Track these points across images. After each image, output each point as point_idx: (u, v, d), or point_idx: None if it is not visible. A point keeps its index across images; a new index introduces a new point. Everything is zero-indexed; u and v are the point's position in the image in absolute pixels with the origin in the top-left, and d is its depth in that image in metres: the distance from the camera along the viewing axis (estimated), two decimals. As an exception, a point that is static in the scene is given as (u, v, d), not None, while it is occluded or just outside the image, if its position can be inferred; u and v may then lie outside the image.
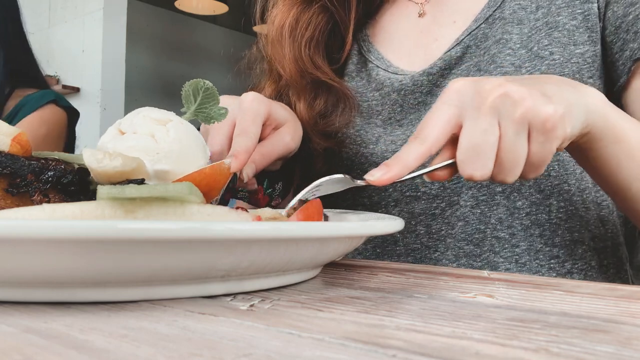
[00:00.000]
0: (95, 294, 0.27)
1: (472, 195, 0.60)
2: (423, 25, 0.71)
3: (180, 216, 0.30)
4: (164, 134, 0.37)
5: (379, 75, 0.70)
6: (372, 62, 0.71)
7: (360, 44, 0.74)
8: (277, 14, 0.72)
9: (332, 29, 0.72)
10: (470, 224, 0.60)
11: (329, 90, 0.69)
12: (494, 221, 0.59)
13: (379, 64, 0.71)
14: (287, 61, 0.69)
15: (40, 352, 0.20)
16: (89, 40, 3.48)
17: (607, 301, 0.30)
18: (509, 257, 0.58)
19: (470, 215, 0.60)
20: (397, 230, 0.36)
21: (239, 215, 0.32)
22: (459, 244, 0.60)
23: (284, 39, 0.70)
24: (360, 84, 0.71)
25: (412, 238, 0.62)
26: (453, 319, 0.25)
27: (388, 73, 0.69)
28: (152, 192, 0.29)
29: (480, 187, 0.60)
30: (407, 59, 0.70)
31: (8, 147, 0.35)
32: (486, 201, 0.60)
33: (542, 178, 0.59)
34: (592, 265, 0.59)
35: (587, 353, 0.20)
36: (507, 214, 0.59)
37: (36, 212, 0.28)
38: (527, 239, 0.58)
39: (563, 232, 0.59)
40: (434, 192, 0.61)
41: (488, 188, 0.60)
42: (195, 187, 0.31)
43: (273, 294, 0.31)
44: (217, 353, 0.20)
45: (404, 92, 0.66)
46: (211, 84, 0.44)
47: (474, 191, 0.60)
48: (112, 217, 0.28)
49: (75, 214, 0.28)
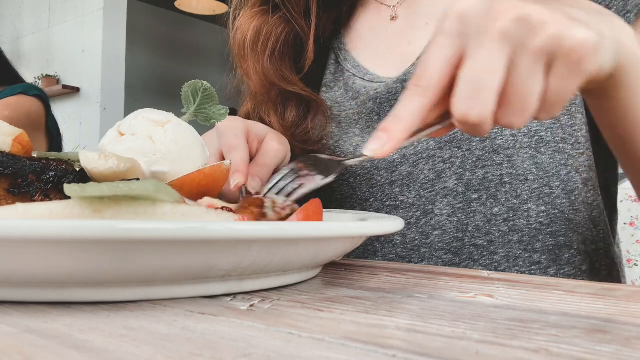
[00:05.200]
0: (95, 294, 0.27)
1: (448, 204, 0.59)
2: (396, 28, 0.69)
3: (150, 216, 0.29)
4: (162, 136, 0.37)
5: (355, 84, 0.68)
6: (349, 70, 0.70)
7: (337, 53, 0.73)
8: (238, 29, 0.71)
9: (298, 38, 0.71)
10: (447, 233, 0.59)
11: (298, 100, 0.68)
12: (471, 229, 0.58)
13: (355, 72, 0.69)
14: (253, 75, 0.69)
15: (40, 352, 0.20)
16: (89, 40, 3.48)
17: (607, 301, 0.30)
18: (487, 264, 0.58)
19: (448, 224, 0.59)
20: (397, 230, 0.36)
21: (218, 214, 0.32)
22: (437, 253, 0.59)
23: (246, 53, 0.69)
24: (338, 93, 0.70)
25: (390, 248, 0.62)
26: (453, 319, 0.25)
27: (364, 81, 0.68)
28: (114, 190, 0.28)
29: (456, 194, 0.59)
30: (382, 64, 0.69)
31: (9, 148, 0.35)
32: (463, 209, 0.59)
33: (519, 182, 0.57)
34: (582, 269, 0.58)
35: (587, 353, 0.20)
36: (485, 220, 0.58)
37: (9, 212, 0.28)
38: (505, 245, 0.57)
39: (545, 237, 0.57)
40: (410, 201, 0.61)
41: (464, 195, 0.59)
42: (165, 185, 0.31)
43: (273, 294, 0.31)
44: (217, 353, 0.20)
45: (379, 100, 0.65)
46: (209, 85, 0.44)
47: (449, 199, 0.59)
48: (81, 216, 0.28)
49: (45, 213, 0.28)
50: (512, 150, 0.57)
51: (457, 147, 0.59)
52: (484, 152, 0.58)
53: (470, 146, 0.58)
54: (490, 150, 0.58)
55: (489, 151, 0.58)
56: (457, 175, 0.59)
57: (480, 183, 0.58)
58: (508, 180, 0.57)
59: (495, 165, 0.58)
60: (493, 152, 0.57)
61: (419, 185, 0.60)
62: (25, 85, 1.40)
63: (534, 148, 0.57)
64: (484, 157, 0.58)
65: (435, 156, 0.60)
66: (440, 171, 0.60)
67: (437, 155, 0.60)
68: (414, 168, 0.61)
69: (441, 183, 0.60)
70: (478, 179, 0.58)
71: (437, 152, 0.60)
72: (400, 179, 0.62)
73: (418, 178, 0.61)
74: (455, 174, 0.59)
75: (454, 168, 0.59)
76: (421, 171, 0.61)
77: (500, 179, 0.57)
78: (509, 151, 0.57)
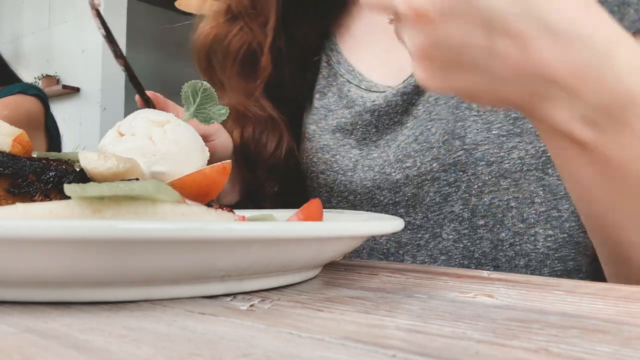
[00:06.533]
0: (95, 294, 0.27)
1: (454, 229, 0.57)
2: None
3: (151, 215, 0.29)
4: (162, 136, 0.37)
5: (350, 92, 0.65)
6: (343, 75, 0.66)
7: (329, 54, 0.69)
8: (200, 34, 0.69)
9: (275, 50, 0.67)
10: (453, 259, 0.57)
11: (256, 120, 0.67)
12: (477, 255, 0.57)
13: (350, 79, 0.66)
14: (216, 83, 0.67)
15: (40, 352, 0.20)
16: (89, 40, 3.48)
17: (607, 301, 0.30)
18: None
19: (453, 250, 0.57)
20: (397, 231, 0.36)
21: (218, 214, 0.32)
22: None
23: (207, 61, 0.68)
24: (332, 100, 0.67)
25: None
26: (453, 319, 0.25)
27: (360, 90, 0.64)
28: (114, 190, 0.28)
29: (462, 220, 0.57)
30: (380, 70, 0.65)
31: (9, 148, 0.35)
32: (469, 235, 0.57)
33: (525, 206, 0.55)
34: None
35: (587, 353, 0.20)
36: (491, 247, 0.56)
37: (9, 212, 0.28)
38: (511, 270, 0.56)
39: (553, 262, 0.55)
40: (418, 222, 0.59)
41: (469, 221, 0.57)
42: (165, 185, 0.31)
43: (273, 294, 0.31)
44: (217, 353, 0.20)
45: (377, 113, 0.62)
46: (209, 85, 0.44)
47: (455, 224, 0.57)
48: (81, 216, 0.28)
49: (45, 213, 0.28)
50: (519, 173, 0.55)
51: (462, 171, 0.56)
52: (490, 176, 0.55)
53: (476, 170, 0.56)
54: (497, 174, 0.55)
55: (495, 175, 0.55)
56: (462, 200, 0.57)
57: (487, 209, 0.56)
58: (515, 205, 0.55)
59: (502, 190, 0.55)
60: (500, 176, 0.55)
61: (425, 207, 0.58)
62: (24, 85, 1.40)
63: (541, 169, 0.54)
64: (490, 182, 0.55)
65: (440, 179, 0.57)
66: (447, 194, 0.57)
67: (441, 178, 0.57)
68: (418, 190, 0.59)
69: (448, 207, 0.58)
70: (484, 205, 0.56)
71: (441, 174, 0.57)
72: (405, 200, 0.60)
73: (424, 200, 0.59)
74: (461, 198, 0.57)
75: (459, 192, 0.57)
76: (426, 193, 0.58)
77: (507, 203, 0.55)
78: (516, 175, 0.55)
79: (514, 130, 0.54)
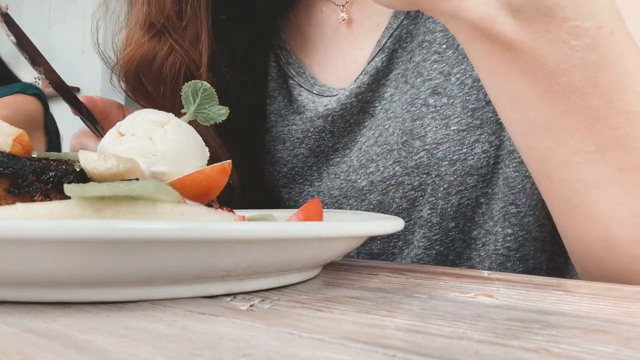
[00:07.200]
0: (95, 294, 0.27)
1: (424, 235, 0.55)
2: (346, 31, 0.60)
3: (150, 215, 0.29)
4: (162, 136, 0.37)
5: (300, 96, 0.61)
6: (293, 78, 0.61)
7: (277, 54, 0.63)
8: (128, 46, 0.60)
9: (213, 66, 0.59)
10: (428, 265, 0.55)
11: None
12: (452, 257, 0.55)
13: (301, 82, 0.61)
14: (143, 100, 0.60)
15: (40, 352, 0.20)
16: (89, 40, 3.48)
17: (607, 301, 0.30)
18: None
19: (426, 258, 0.55)
20: (397, 230, 0.36)
21: (218, 214, 0.32)
22: None
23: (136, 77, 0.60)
24: (282, 104, 0.62)
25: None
26: (453, 319, 0.25)
27: (312, 95, 0.60)
28: (114, 190, 0.28)
29: (431, 225, 0.54)
30: (333, 72, 0.61)
31: (9, 148, 0.35)
32: (440, 240, 0.54)
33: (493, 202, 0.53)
34: None
35: (587, 353, 0.20)
36: (464, 245, 0.54)
37: (9, 212, 0.28)
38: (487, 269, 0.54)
39: (514, 264, 0.53)
40: None
41: (440, 226, 0.54)
42: (165, 185, 0.31)
43: (273, 294, 0.31)
44: (217, 353, 0.20)
45: (331, 117, 0.58)
46: (209, 85, 0.44)
47: (424, 230, 0.55)
48: (81, 216, 0.28)
49: (45, 213, 0.28)
50: (485, 168, 0.52)
51: (426, 173, 0.54)
52: (456, 176, 0.53)
53: (439, 171, 0.53)
54: (462, 173, 0.52)
55: (460, 174, 0.52)
56: (430, 204, 0.54)
57: (456, 210, 0.54)
58: (484, 201, 0.53)
59: (470, 189, 0.53)
60: (465, 174, 0.52)
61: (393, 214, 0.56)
62: (24, 85, 1.40)
63: (502, 161, 0.52)
64: (456, 182, 0.53)
65: (404, 183, 0.55)
66: (413, 199, 0.55)
67: (405, 182, 0.55)
68: (384, 196, 0.56)
69: (416, 212, 0.55)
70: (453, 206, 0.53)
71: (405, 178, 0.55)
72: (371, 209, 0.57)
73: (390, 207, 0.56)
74: (428, 202, 0.54)
75: (426, 196, 0.54)
76: (392, 199, 0.56)
77: (475, 200, 0.53)
78: (482, 170, 0.52)
79: (473, 123, 0.52)
